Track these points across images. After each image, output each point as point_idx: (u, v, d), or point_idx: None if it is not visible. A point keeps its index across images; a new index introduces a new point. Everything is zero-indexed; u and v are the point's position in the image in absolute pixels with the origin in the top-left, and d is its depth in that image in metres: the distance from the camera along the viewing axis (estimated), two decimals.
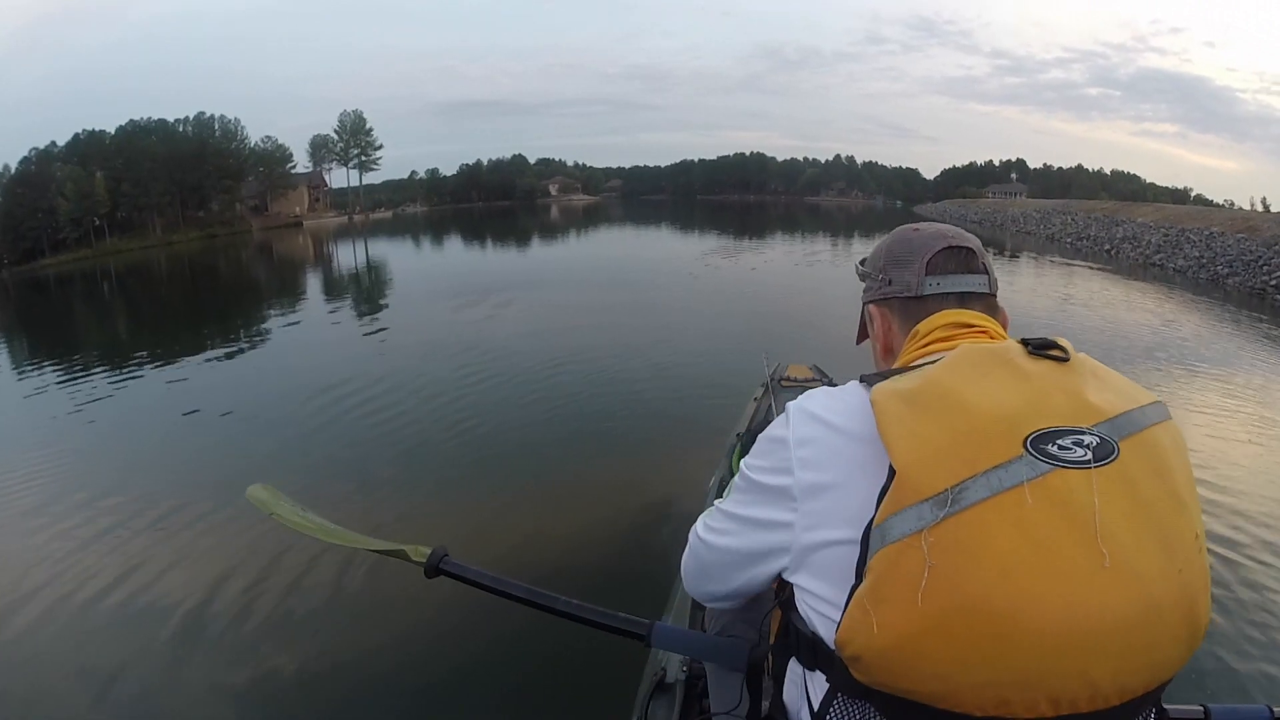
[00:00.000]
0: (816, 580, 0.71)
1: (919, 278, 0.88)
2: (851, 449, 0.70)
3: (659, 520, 3.63)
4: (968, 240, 0.90)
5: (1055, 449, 0.61)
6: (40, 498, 4.63)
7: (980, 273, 0.88)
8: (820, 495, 0.71)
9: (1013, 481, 0.60)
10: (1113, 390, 0.68)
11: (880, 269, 0.93)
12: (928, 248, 0.89)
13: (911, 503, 0.61)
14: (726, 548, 0.85)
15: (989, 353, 0.70)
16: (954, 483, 0.60)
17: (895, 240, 0.94)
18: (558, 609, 1.14)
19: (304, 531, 1.33)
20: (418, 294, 15.21)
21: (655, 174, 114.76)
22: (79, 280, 29.05)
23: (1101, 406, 0.65)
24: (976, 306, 0.86)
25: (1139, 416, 0.66)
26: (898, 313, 0.90)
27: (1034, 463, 0.60)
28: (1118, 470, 0.62)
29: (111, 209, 46.74)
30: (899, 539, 0.61)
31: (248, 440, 5.77)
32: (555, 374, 7.06)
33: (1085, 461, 0.61)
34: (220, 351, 9.43)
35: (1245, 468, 4.50)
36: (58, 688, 2.85)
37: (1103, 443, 0.62)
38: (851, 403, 0.73)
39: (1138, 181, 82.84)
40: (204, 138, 54.38)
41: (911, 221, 0.97)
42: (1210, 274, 15.21)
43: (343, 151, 66.97)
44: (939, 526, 0.60)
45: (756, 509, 0.79)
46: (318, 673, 2.84)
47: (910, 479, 0.62)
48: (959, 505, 0.60)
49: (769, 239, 29.62)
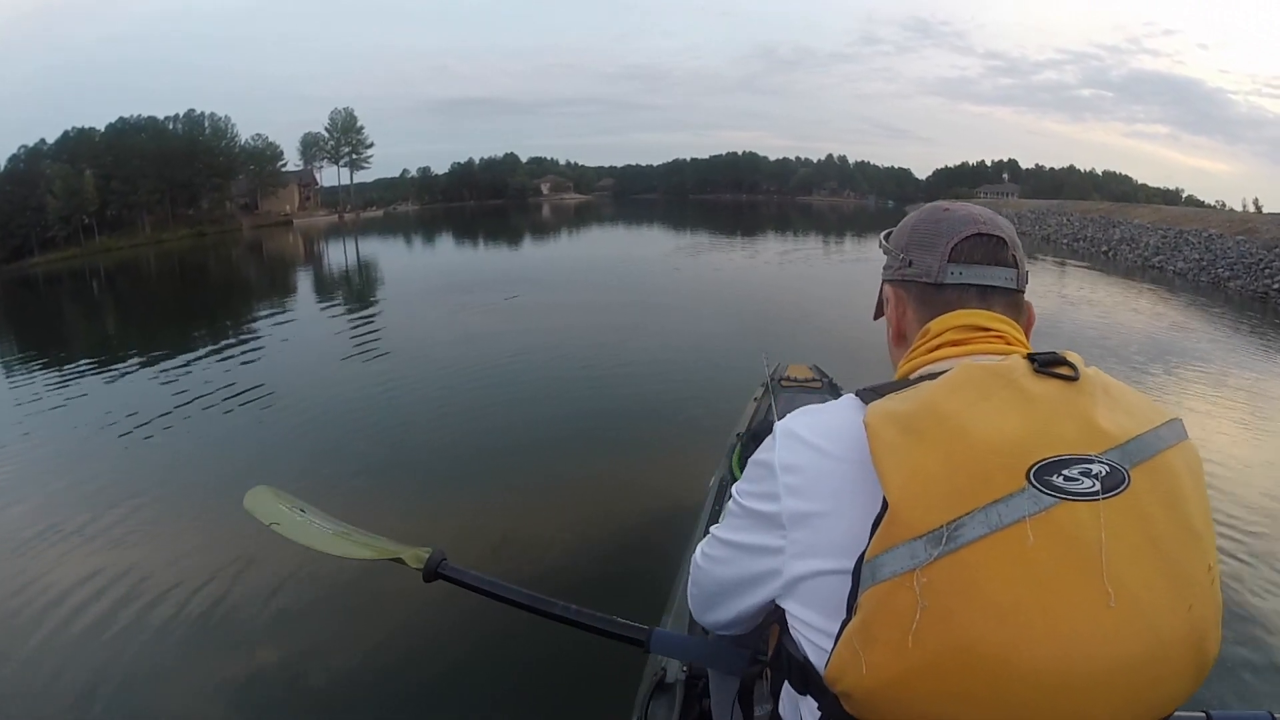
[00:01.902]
0: (806, 609, 0.68)
1: (941, 264, 0.80)
2: (841, 475, 0.66)
3: (659, 521, 3.62)
4: (1000, 228, 0.81)
5: (1061, 480, 0.57)
6: (31, 498, 4.61)
7: (1009, 265, 0.80)
8: (808, 524, 0.67)
9: (1013, 517, 0.56)
10: (1125, 411, 0.63)
11: (902, 248, 0.85)
12: (955, 232, 0.80)
13: (904, 540, 0.57)
14: (723, 577, 0.81)
15: (992, 373, 0.64)
16: (950, 519, 0.56)
17: (922, 219, 0.85)
18: (556, 614, 1.13)
19: (302, 543, 1.31)
20: (410, 293, 15.19)
21: (648, 173, 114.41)
22: (68, 279, 28.88)
23: (1112, 431, 0.60)
24: (999, 303, 0.79)
25: (1152, 440, 0.62)
26: (914, 298, 0.83)
27: (1037, 496, 0.56)
28: (1128, 501, 0.57)
29: (101, 207, 46.46)
30: (889, 578, 0.57)
31: (241, 442, 5.74)
32: (552, 374, 7.07)
33: (1093, 493, 0.57)
34: (211, 352, 9.38)
35: (1252, 472, 4.51)
36: (53, 689, 2.83)
37: (1112, 471, 0.58)
38: (843, 424, 0.68)
39: (1129, 182, 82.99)
40: (194, 135, 54.10)
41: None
42: (1211, 277, 15.13)
43: (334, 149, 66.69)
44: (932, 566, 0.56)
45: (748, 534, 0.75)
46: (316, 673, 2.83)
47: (903, 514, 0.58)
48: (955, 543, 0.56)
49: (761, 238, 29.75)
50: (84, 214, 45.50)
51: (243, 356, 8.98)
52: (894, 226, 0.90)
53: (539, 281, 15.50)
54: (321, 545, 1.30)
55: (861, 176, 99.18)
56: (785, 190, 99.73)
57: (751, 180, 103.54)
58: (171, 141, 52.20)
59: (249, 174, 58.55)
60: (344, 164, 67.62)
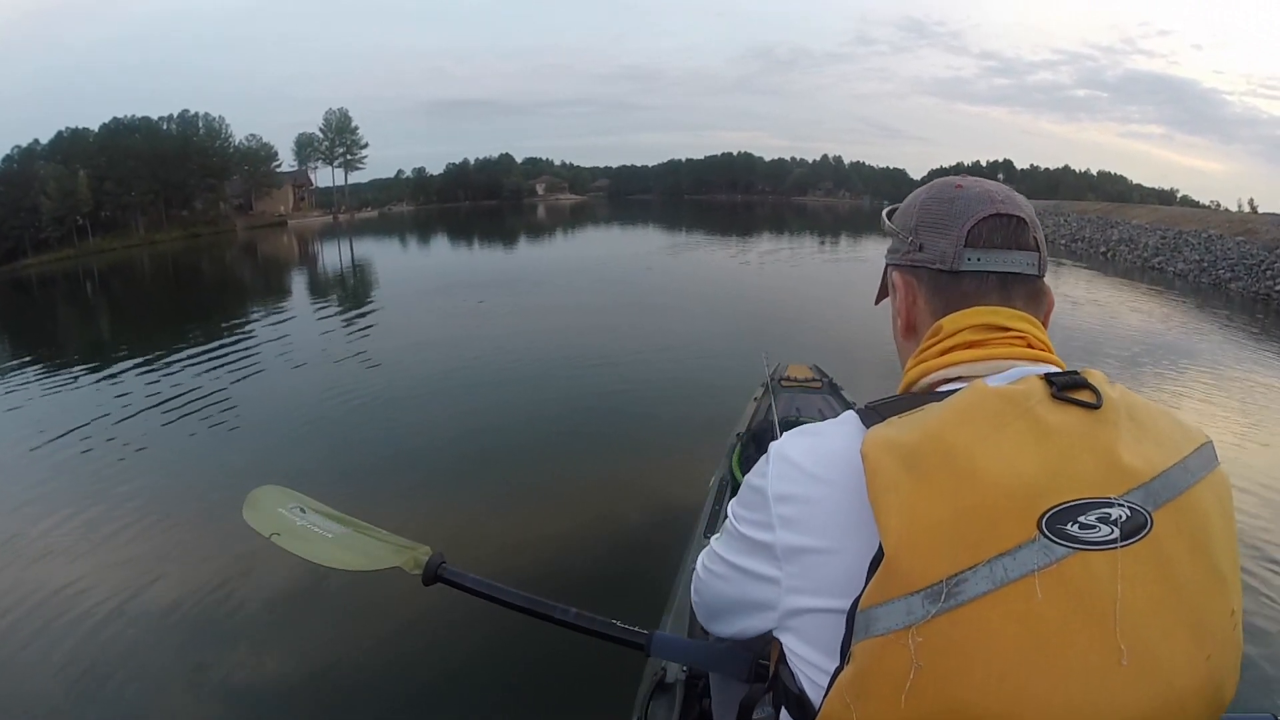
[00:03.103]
0: (803, 645, 0.64)
1: (956, 249, 0.72)
2: (838, 509, 0.61)
3: (659, 521, 3.61)
4: (1020, 206, 0.73)
5: (1075, 529, 0.52)
6: (25, 502, 4.58)
7: (1030, 249, 0.72)
8: (803, 560, 0.63)
9: (1021, 571, 0.51)
10: (1153, 440, 0.58)
11: (910, 229, 0.77)
12: (970, 212, 0.72)
13: (900, 594, 0.53)
14: (721, 593, 0.78)
15: (1006, 399, 0.58)
16: (951, 573, 0.52)
17: (932, 197, 0.76)
18: (556, 618, 1.14)
19: (302, 556, 1.31)
20: (406, 294, 15.15)
21: (643, 174, 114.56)
22: (62, 280, 28.76)
23: (1137, 467, 0.55)
24: (1020, 293, 0.72)
25: (1179, 475, 0.57)
26: (927, 286, 0.75)
27: (1049, 547, 0.52)
28: (1148, 548, 0.53)
29: (95, 208, 46.29)
30: (884, 633, 0.53)
31: (237, 445, 5.70)
32: (551, 374, 7.07)
33: (1110, 541, 0.52)
34: (206, 354, 9.33)
35: (1261, 472, 4.50)
36: (50, 691, 2.82)
37: (1133, 514, 0.54)
38: (841, 450, 0.62)
39: (1124, 182, 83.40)
40: (188, 136, 53.78)
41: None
42: (1212, 278, 15.09)
43: (328, 150, 66.42)
44: (929, 624, 0.52)
45: (745, 559, 0.71)
46: (315, 675, 2.82)
47: (901, 565, 0.53)
48: (955, 600, 0.52)
49: (756, 239, 29.76)
50: (78, 215, 45.25)
51: (238, 359, 8.93)
52: (909, 197, 0.82)
53: (537, 282, 15.48)
54: (322, 558, 1.30)
55: (857, 177, 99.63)
56: (781, 191, 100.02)
57: (747, 181, 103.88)
58: (165, 142, 51.89)
59: (243, 175, 58.19)
60: (338, 165, 67.40)
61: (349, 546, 1.31)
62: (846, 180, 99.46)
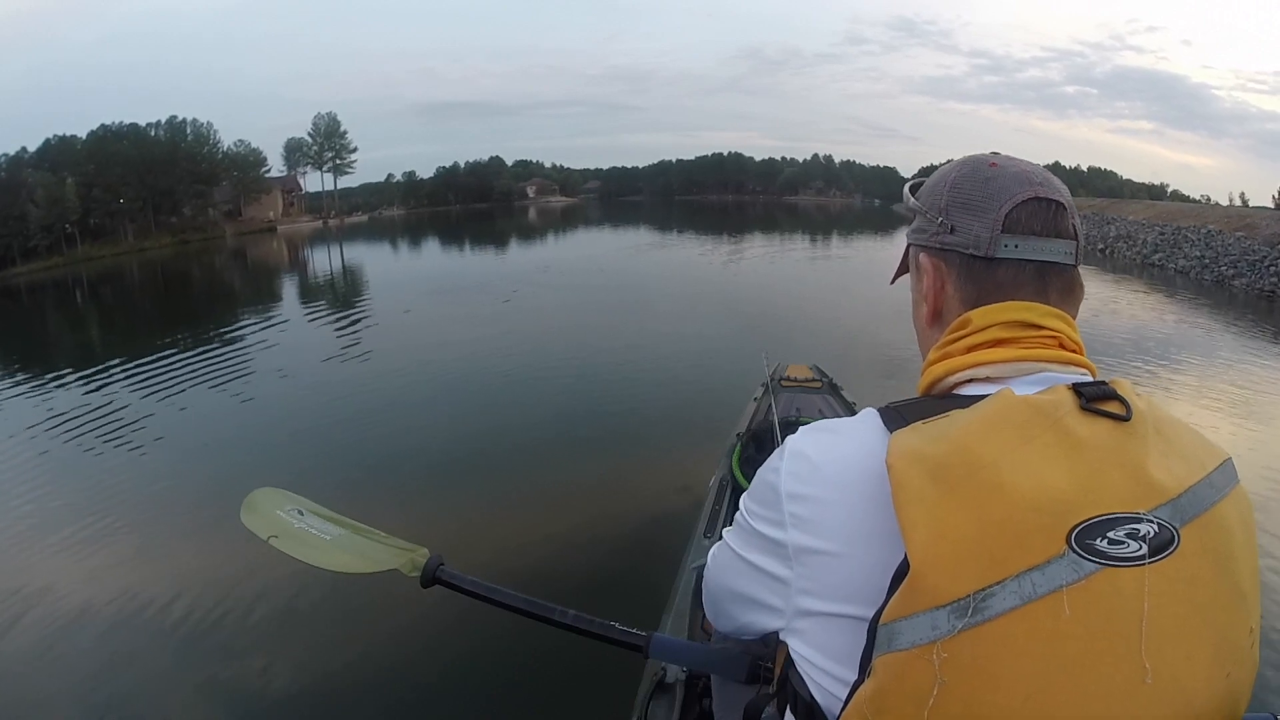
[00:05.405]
0: (814, 650, 0.62)
1: (993, 234, 0.67)
2: (857, 513, 0.58)
3: (659, 521, 3.63)
4: (1058, 190, 0.68)
5: (1104, 544, 0.51)
6: (22, 506, 4.57)
7: (1070, 237, 0.68)
8: (816, 562, 0.61)
9: (1049, 587, 0.50)
10: (1179, 455, 0.57)
11: (940, 209, 0.71)
12: (1009, 194, 0.67)
13: (925, 608, 0.51)
14: (733, 585, 0.75)
15: (1035, 410, 0.56)
16: (979, 587, 0.51)
17: (965, 175, 0.71)
18: (554, 619, 1.14)
19: (300, 559, 1.30)
20: (398, 297, 15.04)
21: (634, 175, 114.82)
22: (51, 288, 28.59)
23: (1165, 483, 0.54)
24: (1056, 284, 0.68)
25: (1205, 492, 0.56)
26: (957, 271, 0.70)
27: (1078, 563, 0.51)
28: (1175, 565, 0.52)
29: (83, 215, 46.03)
30: (907, 648, 0.52)
31: (234, 446, 5.69)
32: (549, 375, 7.07)
33: (1138, 557, 0.51)
34: (199, 359, 9.28)
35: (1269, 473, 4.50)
36: (51, 691, 2.83)
37: (1161, 530, 0.53)
38: (861, 452, 0.60)
39: (1115, 178, 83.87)
40: (176, 142, 53.57)
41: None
42: (1215, 275, 15.03)
43: (317, 155, 66.26)
44: (954, 640, 0.51)
45: (756, 554, 0.68)
46: (314, 676, 2.82)
47: (927, 579, 0.52)
48: (982, 615, 0.50)
49: (748, 238, 29.79)
50: (66, 223, 44.99)
51: (232, 364, 8.89)
52: (922, 178, 0.77)
53: (534, 282, 15.46)
54: (321, 560, 1.28)
55: (848, 176, 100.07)
56: (772, 190, 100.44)
57: (738, 180, 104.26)
58: (154, 148, 51.65)
59: (232, 180, 57.91)
60: (328, 169, 67.21)
61: (347, 549, 1.29)
62: (838, 179, 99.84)
